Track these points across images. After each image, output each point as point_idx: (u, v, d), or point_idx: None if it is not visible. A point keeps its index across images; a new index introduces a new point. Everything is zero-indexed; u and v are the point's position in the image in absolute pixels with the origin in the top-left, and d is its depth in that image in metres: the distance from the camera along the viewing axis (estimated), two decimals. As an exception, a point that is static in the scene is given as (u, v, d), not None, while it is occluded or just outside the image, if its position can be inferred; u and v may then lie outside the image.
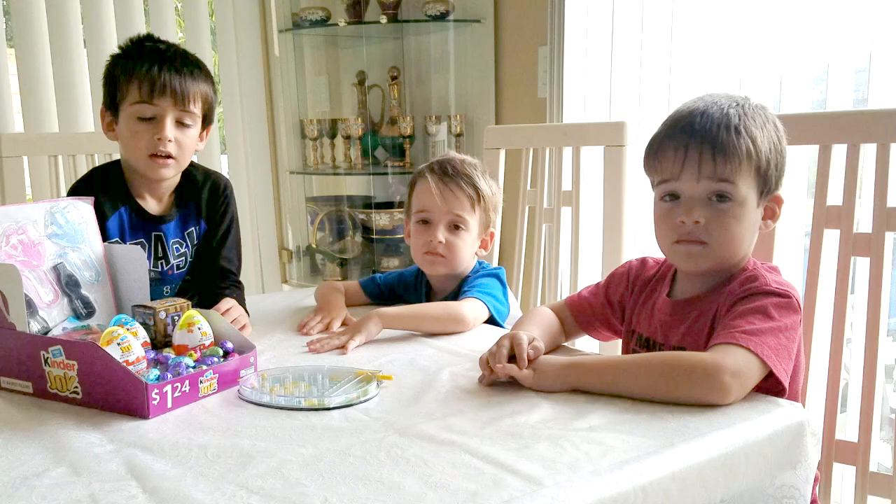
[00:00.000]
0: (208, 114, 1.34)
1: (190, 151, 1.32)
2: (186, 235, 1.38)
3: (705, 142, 0.95)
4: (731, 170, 0.94)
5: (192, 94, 1.27)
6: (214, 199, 1.39)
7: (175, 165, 1.30)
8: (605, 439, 0.78)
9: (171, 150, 1.27)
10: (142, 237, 1.33)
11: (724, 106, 0.97)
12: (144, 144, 1.26)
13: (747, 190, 0.96)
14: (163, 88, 1.24)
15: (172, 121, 1.27)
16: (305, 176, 2.70)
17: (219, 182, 1.40)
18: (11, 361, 0.99)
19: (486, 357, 0.96)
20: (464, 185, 1.32)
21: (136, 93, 1.25)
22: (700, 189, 0.96)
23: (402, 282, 1.46)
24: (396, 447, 0.77)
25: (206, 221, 1.39)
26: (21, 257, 1.06)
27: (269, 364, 1.07)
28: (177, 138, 1.28)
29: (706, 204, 0.96)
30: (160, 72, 1.25)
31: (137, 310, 1.06)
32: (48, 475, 0.73)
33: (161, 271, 1.36)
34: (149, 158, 1.27)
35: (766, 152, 0.96)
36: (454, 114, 2.45)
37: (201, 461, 0.76)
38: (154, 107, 1.25)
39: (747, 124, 0.95)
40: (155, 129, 1.26)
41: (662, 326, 1.03)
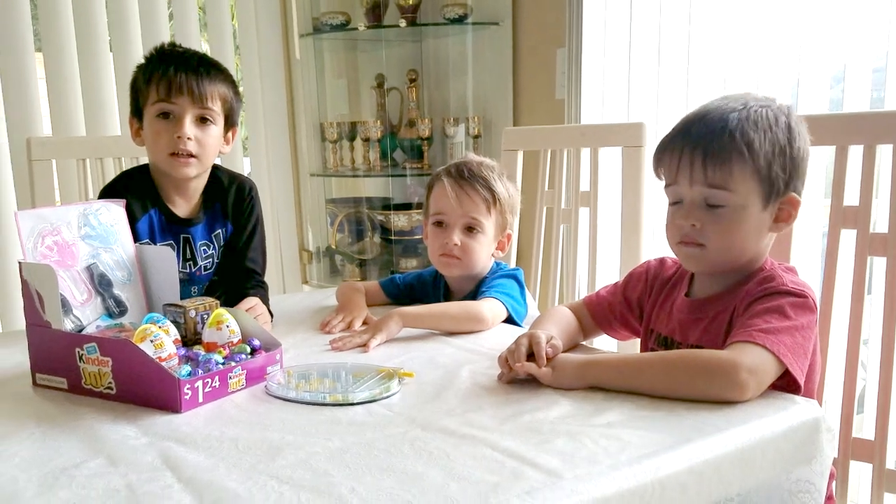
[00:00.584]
0: (230, 115, 1.36)
1: (212, 150, 1.34)
2: (214, 237, 1.41)
3: (697, 148, 0.97)
4: (722, 176, 0.95)
5: (209, 91, 1.30)
6: (240, 202, 1.42)
7: (197, 164, 1.32)
8: (623, 435, 0.80)
9: (191, 149, 1.30)
10: (171, 239, 1.36)
11: (728, 110, 0.98)
12: (165, 143, 1.29)
13: (747, 194, 0.96)
14: (180, 87, 1.28)
15: (192, 119, 1.30)
16: (325, 178, 2.73)
17: (244, 184, 1.43)
18: (47, 358, 1.02)
19: (505, 355, 0.98)
20: (479, 187, 1.34)
21: (155, 94, 1.29)
22: (695, 194, 0.98)
23: (420, 282, 1.49)
24: (419, 440, 0.80)
25: (232, 223, 1.42)
26: (56, 258, 1.09)
27: (294, 361, 1.10)
28: (197, 136, 1.30)
29: (702, 208, 0.98)
30: (177, 72, 1.29)
31: (168, 308, 1.10)
32: (86, 466, 0.76)
33: (189, 272, 1.39)
34: (170, 157, 1.30)
35: (767, 155, 0.95)
36: (472, 115, 2.47)
37: (233, 453, 0.79)
38: (173, 105, 1.29)
39: (745, 129, 0.95)
40: (174, 128, 1.29)
41: (681, 325, 1.05)
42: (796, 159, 0.98)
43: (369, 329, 1.21)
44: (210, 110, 1.31)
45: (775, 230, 1.01)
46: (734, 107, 0.98)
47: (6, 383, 1.05)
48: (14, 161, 2.24)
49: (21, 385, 1.04)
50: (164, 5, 2.43)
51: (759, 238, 0.99)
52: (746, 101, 0.99)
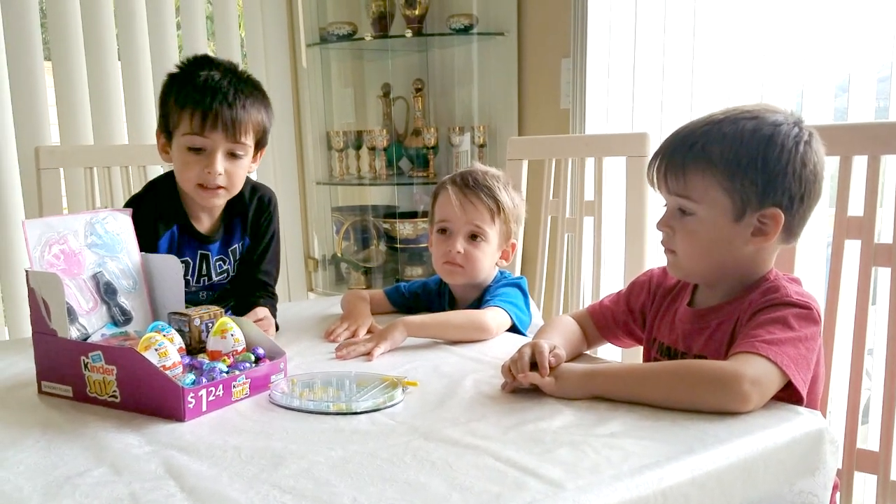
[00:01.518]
0: (261, 140, 1.34)
1: (241, 180, 1.33)
2: (230, 252, 1.41)
3: (663, 157, 1.00)
4: (678, 185, 0.98)
5: (244, 126, 1.26)
6: (259, 214, 1.41)
7: (225, 195, 1.32)
8: (626, 445, 0.80)
9: (220, 182, 1.28)
10: (188, 255, 1.36)
11: (702, 122, 0.98)
12: (195, 175, 1.27)
13: (712, 204, 0.96)
14: (214, 122, 1.24)
15: (223, 154, 1.27)
16: (331, 186, 2.75)
17: (264, 197, 1.42)
18: (52, 366, 1.03)
19: (509, 365, 0.99)
20: (484, 196, 1.34)
21: (187, 124, 1.25)
22: (671, 201, 1.01)
23: (425, 291, 1.49)
24: (422, 450, 0.80)
25: (250, 236, 1.42)
26: (62, 266, 1.10)
27: (298, 370, 1.10)
28: (227, 170, 1.28)
29: (675, 216, 1.00)
30: (212, 103, 1.23)
31: (173, 317, 1.10)
32: (90, 475, 0.77)
33: (202, 286, 1.40)
34: (198, 188, 1.29)
35: (731, 167, 0.94)
36: (477, 125, 2.48)
37: (236, 462, 0.79)
38: (205, 139, 1.25)
39: (707, 141, 0.95)
40: (205, 162, 1.26)
41: (684, 335, 1.05)
42: (773, 172, 0.94)
43: (374, 338, 1.21)
44: (243, 145, 1.28)
45: (756, 244, 0.98)
46: (714, 118, 0.99)
47: (12, 390, 1.05)
48: (22, 170, 2.25)
49: (27, 393, 1.04)
50: (172, 15, 2.45)
51: (731, 250, 0.98)
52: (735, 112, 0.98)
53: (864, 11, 1.70)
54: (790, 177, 0.95)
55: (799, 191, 0.96)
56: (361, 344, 1.19)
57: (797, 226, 0.99)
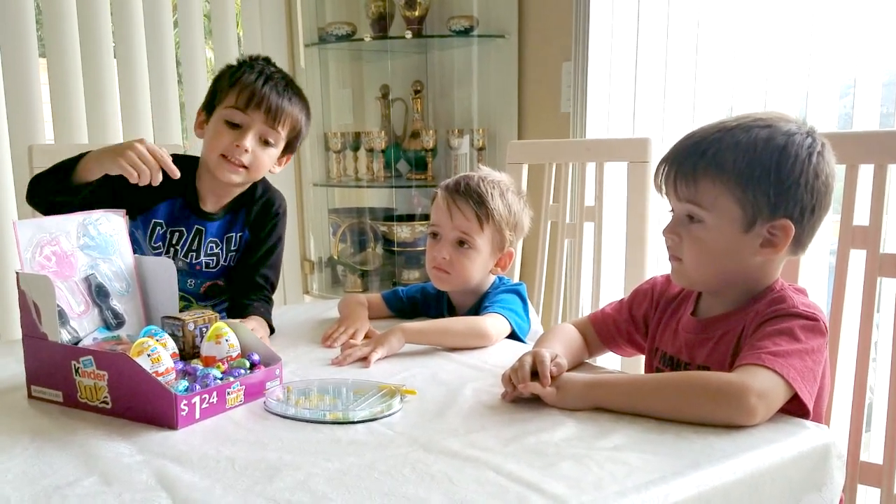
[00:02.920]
0: (293, 141, 1.39)
1: (264, 169, 1.36)
2: (225, 239, 1.40)
3: (673, 162, 0.98)
4: (688, 191, 0.96)
5: (284, 115, 1.32)
6: (264, 215, 1.42)
7: (245, 175, 1.34)
8: (630, 459, 0.78)
9: (244, 160, 1.31)
10: (182, 226, 1.37)
11: (714, 129, 0.96)
12: (223, 145, 1.31)
13: (721, 213, 0.94)
14: (259, 101, 1.30)
15: (256, 135, 1.32)
16: (328, 188, 2.72)
17: (273, 200, 1.44)
18: (43, 371, 1.00)
19: (509, 374, 0.97)
20: (472, 203, 1.32)
21: (233, 98, 1.31)
22: (679, 207, 0.99)
23: (423, 296, 1.47)
24: (421, 463, 0.78)
25: (250, 232, 1.42)
26: (54, 268, 1.08)
27: (294, 376, 1.08)
28: (254, 151, 1.32)
29: (683, 223, 0.99)
30: (263, 86, 1.30)
31: (167, 321, 1.08)
32: (79, 485, 0.75)
33: (189, 262, 1.39)
34: (221, 158, 1.31)
35: (743, 176, 0.92)
36: (477, 128, 2.46)
37: (229, 473, 0.77)
38: (245, 115, 1.30)
39: (719, 148, 0.93)
40: (237, 136, 1.31)
41: (687, 345, 1.03)
42: (785, 184, 0.92)
43: (371, 343, 1.19)
44: (276, 133, 1.33)
45: (765, 255, 0.96)
46: (726, 125, 0.97)
47: (1, 395, 1.03)
48: (16, 169, 2.22)
49: (16, 397, 1.02)
50: (169, 13, 2.43)
51: (738, 260, 0.96)
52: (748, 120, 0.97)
53: (870, 16, 1.68)
54: (802, 188, 0.93)
55: (810, 202, 0.94)
56: (358, 349, 1.17)
57: (806, 237, 0.97)
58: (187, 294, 1.42)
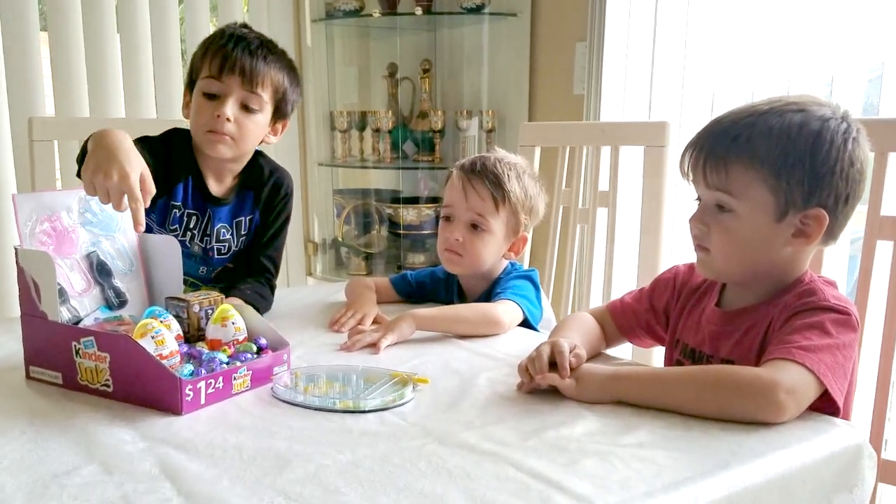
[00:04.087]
0: (281, 104, 1.33)
1: (253, 137, 1.31)
2: (235, 223, 1.37)
3: (703, 148, 0.94)
4: (720, 179, 0.91)
5: (261, 76, 1.26)
6: (273, 197, 1.38)
7: (233, 146, 1.28)
8: (657, 457, 0.74)
9: (228, 130, 1.26)
10: (197, 209, 1.33)
11: (747, 113, 0.92)
12: (205, 120, 1.26)
13: (754, 202, 0.90)
14: (232, 66, 1.24)
15: (236, 101, 1.26)
16: (333, 168, 2.68)
17: (282, 181, 1.40)
18: (42, 351, 0.97)
19: (526, 364, 0.93)
20: (489, 184, 1.28)
21: (207, 68, 1.26)
22: (708, 195, 0.94)
23: (433, 280, 1.43)
24: (437, 456, 0.74)
25: (261, 215, 1.38)
26: (54, 244, 1.04)
27: (301, 361, 1.05)
28: (238, 119, 1.27)
29: (712, 211, 0.94)
30: (233, 49, 1.25)
31: (171, 302, 1.04)
32: (79, 473, 0.71)
33: (204, 248, 1.35)
34: (206, 133, 1.27)
35: (777, 164, 0.88)
36: (486, 109, 2.41)
37: (237, 463, 0.73)
38: (220, 84, 1.25)
39: (752, 134, 0.89)
40: (217, 106, 1.26)
41: (711, 337, 1.00)
42: (820, 171, 0.89)
43: (380, 329, 1.15)
44: (257, 97, 1.27)
45: (796, 246, 0.92)
46: (758, 109, 0.93)
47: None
48: (15, 141, 2.18)
49: (14, 377, 0.98)
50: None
51: (769, 251, 0.93)
52: (780, 104, 0.92)
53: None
54: (837, 176, 0.89)
55: (845, 191, 0.90)
56: (367, 335, 1.13)
57: (839, 228, 0.93)
58: (198, 280, 1.38)
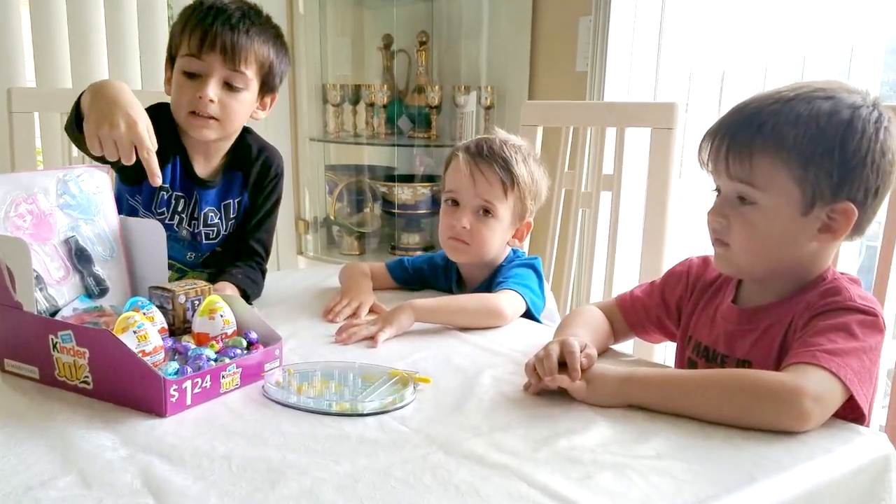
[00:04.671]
0: (268, 78, 1.24)
1: (238, 117, 1.23)
2: (223, 206, 1.30)
3: (725, 137, 0.88)
4: (743, 170, 0.86)
5: (244, 52, 1.17)
6: (263, 177, 1.31)
7: (218, 128, 1.21)
8: (676, 470, 0.70)
9: (212, 112, 1.19)
10: (185, 191, 1.26)
11: (772, 100, 0.86)
12: (186, 101, 1.18)
13: (778, 194, 0.85)
14: (212, 43, 1.16)
15: (219, 81, 1.18)
16: (325, 143, 2.60)
17: (272, 160, 1.32)
18: (17, 343, 0.91)
19: (533, 364, 0.88)
20: (497, 168, 1.22)
21: (186, 45, 1.18)
22: (728, 187, 0.89)
23: (431, 267, 1.38)
24: (443, 469, 0.69)
25: (250, 197, 1.31)
26: (30, 229, 0.97)
27: (294, 354, 0.99)
28: (222, 100, 1.19)
29: (733, 204, 0.89)
30: (212, 24, 1.16)
31: (154, 292, 0.98)
32: (54, 485, 0.66)
33: (192, 233, 1.28)
34: (189, 115, 1.19)
35: (804, 154, 0.83)
36: (485, 85, 2.33)
37: (226, 476, 0.68)
38: (201, 62, 1.17)
39: (778, 122, 0.84)
40: (198, 87, 1.17)
41: (726, 335, 0.95)
42: (850, 163, 0.84)
43: (378, 321, 1.10)
44: (241, 75, 1.19)
45: (822, 241, 0.88)
46: (784, 96, 0.87)
47: (-30, 369, 0.93)
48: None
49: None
50: (159, -50, 2.27)
51: (793, 246, 0.88)
52: (807, 90, 0.87)
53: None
54: (868, 168, 0.84)
55: (875, 183, 0.85)
56: (364, 327, 1.08)
57: (866, 222, 0.88)
58: (185, 266, 1.32)
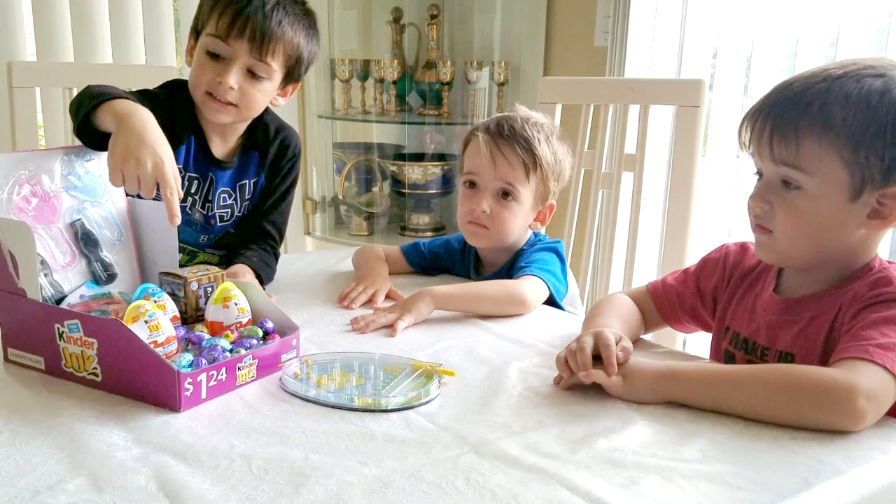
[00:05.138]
0: (294, 69, 1.19)
1: (257, 105, 1.18)
2: (238, 188, 1.25)
3: (768, 117, 0.83)
4: (789, 152, 0.81)
5: (273, 42, 1.13)
6: (280, 158, 1.26)
7: (235, 113, 1.16)
8: (726, 475, 0.65)
9: (230, 98, 1.14)
10: (199, 173, 1.21)
11: (819, 78, 0.81)
12: (205, 82, 1.13)
13: (826, 178, 0.80)
14: (241, 29, 1.10)
15: (242, 68, 1.13)
16: (333, 121, 2.53)
17: (289, 141, 1.27)
18: (21, 332, 0.86)
19: (565, 356, 0.83)
20: (519, 149, 1.17)
21: (214, 24, 1.12)
22: (771, 170, 0.84)
23: (448, 251, 1.33)
24: (476, 472, 0.65)
25: (266, 178, 1.26)
26: (33, 212, 0.92)
27: (310, 343, 0.95)
28: (242, 88, 1.14)
29: (776, 189, 0.84)
30: (245, 8, 1.10)
31: (165, 278, 0.93)
32: (63, 488, 0.62)
33: (206, 215, 1.23)
34: (206, 96, 1.14)
35: (855, 136, 0.78)
36: (498, 60, 2.26)
37: (246, 478, 0.64)
38: (227, 46, 1.12)
39: (827, 101, 0.79)
40: (220, 70, 1.12)
41: (767, 327, 0.90)
42: None
43: (396, 308, 1.05)
44: (266, 66, 1.14)
45: (871, 228, 0.83)
46: (832, 73, 0.81)
47: (-27, 358, 0.89)
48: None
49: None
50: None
51: (840, 233, 0.83)
52: (856, 67, 0.81)
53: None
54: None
55: None
56: (382, 315, 1.03)
57: None
58: (196, 248, 1.27)
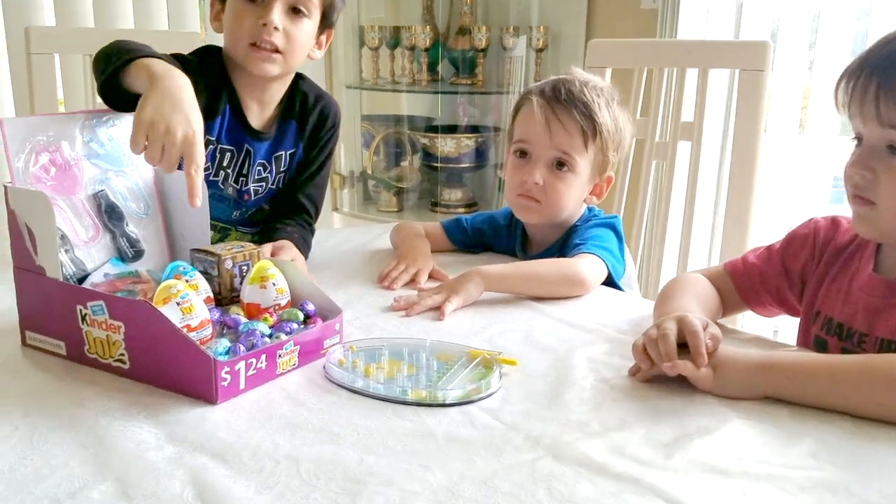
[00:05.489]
0: (328, 11, 1.12)
1: (301, 49, 1.10)
2: (274, 159, 1.17)
3: (872, 76, 0.74)
4: None
5: None
6: (320, 127, 1.19)
7: (281, 62, 1.08)
8: (849, 484, 0.56)
9: (276, 41, 1.06)
10: (234, 145, 1.13)
11: None
12: (247, 30, 1.06)
13: None
14: None
15: (283, 6, 1.06)
16: (361, 91, 2.43)
17: (329, 109, 1.19)
18: (41, 314, 0.79)
19: (644, 344, 0.74)
20: (578, 115, 1.07)
21: None
22: (874, 135, 0.75)
23: (492, 227, 1.24)
24: (557, 481, 0.57)
25: (304, 149, 1.18)
26: (52, 182, 0.84)
27: (352, 327, 0.87)
28: (286, 29, 1.06)
29: (880, 155, 0.75)
30: None
31: (197, 256, 0.85)
32: (87, 495, 0.54)
33: (239, 190, 1.15)
34: (250, 48, 1.07)
35: None
36: (536, 25, 2.14)
37: (294, 483, 0.56)
38: None
39: None
40: (261, 13, 1.04)
41: (866, 311, 0.80)
42: None
43: (443, 289, 0.96)
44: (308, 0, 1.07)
45: None
46: None
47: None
48: (10, 53, 1.96)
49: (7, 344, 0.81)
50: None
51: None
52: None
53: None
54: None
55: None
56: (429, 297, 0.95)
57: None
58: (229, 225, 1.19)
